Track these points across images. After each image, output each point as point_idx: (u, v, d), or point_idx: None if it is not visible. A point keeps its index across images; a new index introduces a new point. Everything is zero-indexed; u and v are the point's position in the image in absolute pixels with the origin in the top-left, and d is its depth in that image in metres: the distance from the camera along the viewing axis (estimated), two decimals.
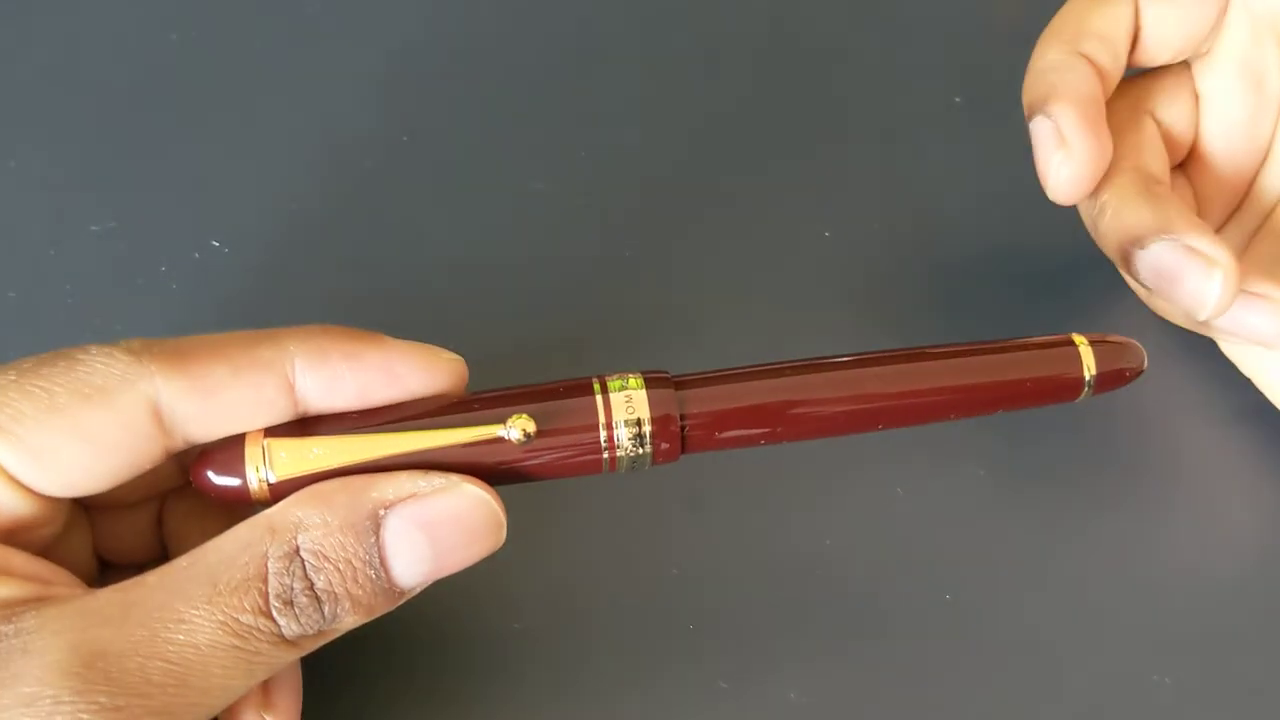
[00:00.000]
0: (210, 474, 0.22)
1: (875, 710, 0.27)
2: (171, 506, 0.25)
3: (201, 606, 0.20)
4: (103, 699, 0.19)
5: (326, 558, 0.21)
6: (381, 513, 0.21)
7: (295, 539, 0.21)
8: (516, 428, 0.22)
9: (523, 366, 0.24)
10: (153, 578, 0.21)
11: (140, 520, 0.25)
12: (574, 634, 0.28)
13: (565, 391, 0.23)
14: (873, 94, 0.38)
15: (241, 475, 0.22)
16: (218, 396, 0.22)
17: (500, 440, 0.22)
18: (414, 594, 0.22)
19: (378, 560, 0.21)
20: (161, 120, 0.36)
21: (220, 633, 0.20)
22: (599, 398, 0.23)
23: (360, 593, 0.21)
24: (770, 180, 0.36)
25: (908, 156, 0.36)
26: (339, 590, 0.21)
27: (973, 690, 0.27)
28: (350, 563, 0.21)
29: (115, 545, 0.25)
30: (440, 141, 0.36)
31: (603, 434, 0.23)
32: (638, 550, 0.29)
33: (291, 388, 0.22)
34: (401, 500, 0.22)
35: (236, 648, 0.20)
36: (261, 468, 0.22)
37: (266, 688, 0.23)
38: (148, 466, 0.22)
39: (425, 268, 0.33)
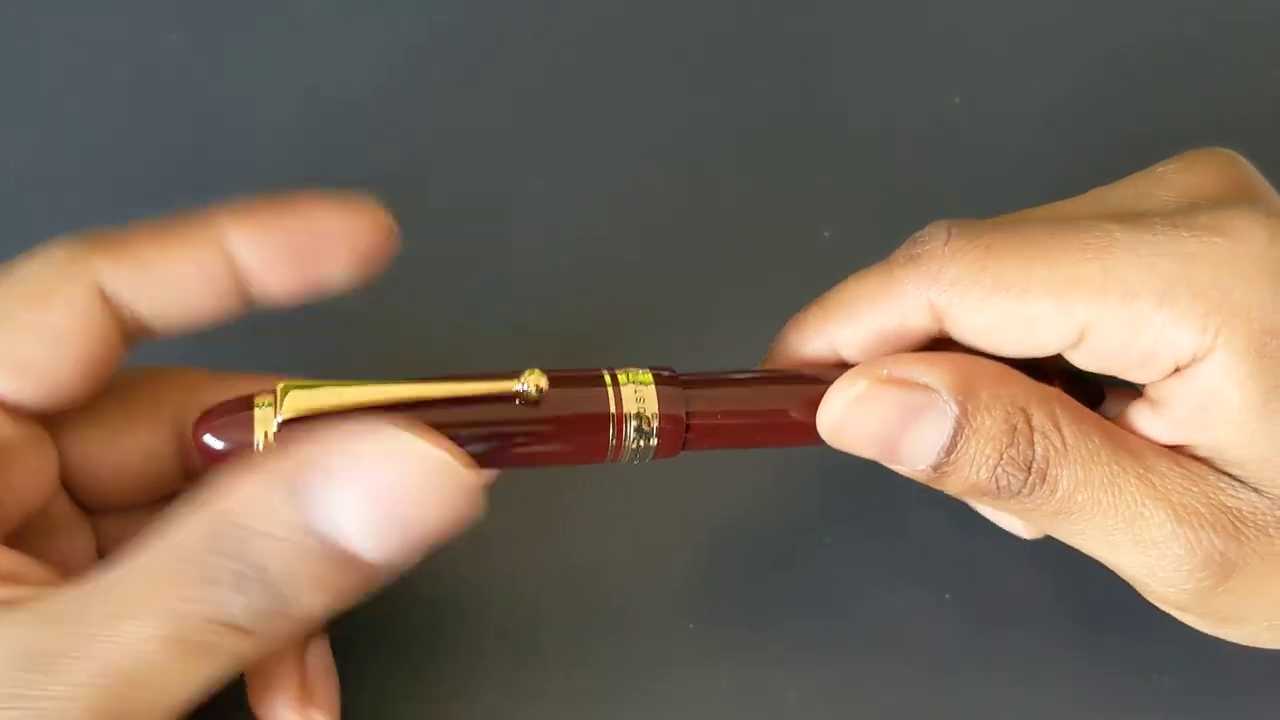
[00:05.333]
0: (211, 436, 0.21)
1: (875, 710, 0.27)
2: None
3: (142, 605, 0.19)
4: (44, 703, 0.19)
5: (273, 537, 0.19)
6: (325, 481, 0.20)
7: (238, 519, 0.19)
8: (530, 382, 0.22)
9: (522, 364, 0.24)
10: (104, 575, 0.20)
11: (145, 525, 0.25)
12: (573, 634, 0.28)
13: (577, 380, 0.23)
14: (873, 94, 0.38)
15: (249, 435, 0.21)
16: (155, 271, 0.22)
17: (510, 403, 0.22)
18: (390, 569, 0.20)
19: (330, 535, 0.20)
20: (162, 120, 0.36)
21: (163, 630, 0.19)
22: (610, 389, 0.23)
23: (318, 571, 0.20)
24: (770, 180, 0.36)
25: (908, 157, 0.36)
26: (288, 571, 0.19)
27: (973, 690, 0.27)
28: (292, 538, 0.19)
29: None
30: (440, 141, 0.36)
31: (612, 424, 0.23)
32: (637, 549, 0.29)
33: (228, 259, 0.22)
34: (345, 468, 0.20)
35: (183, 643, 0.19)
36: (270, 427, 0.21)
37: (305, 680, 0.23)
38: (107, 355, 0.22)
39: (424, 268, 0.33)
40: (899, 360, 0.23)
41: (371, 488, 0.20)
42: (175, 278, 0.22)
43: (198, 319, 0.23)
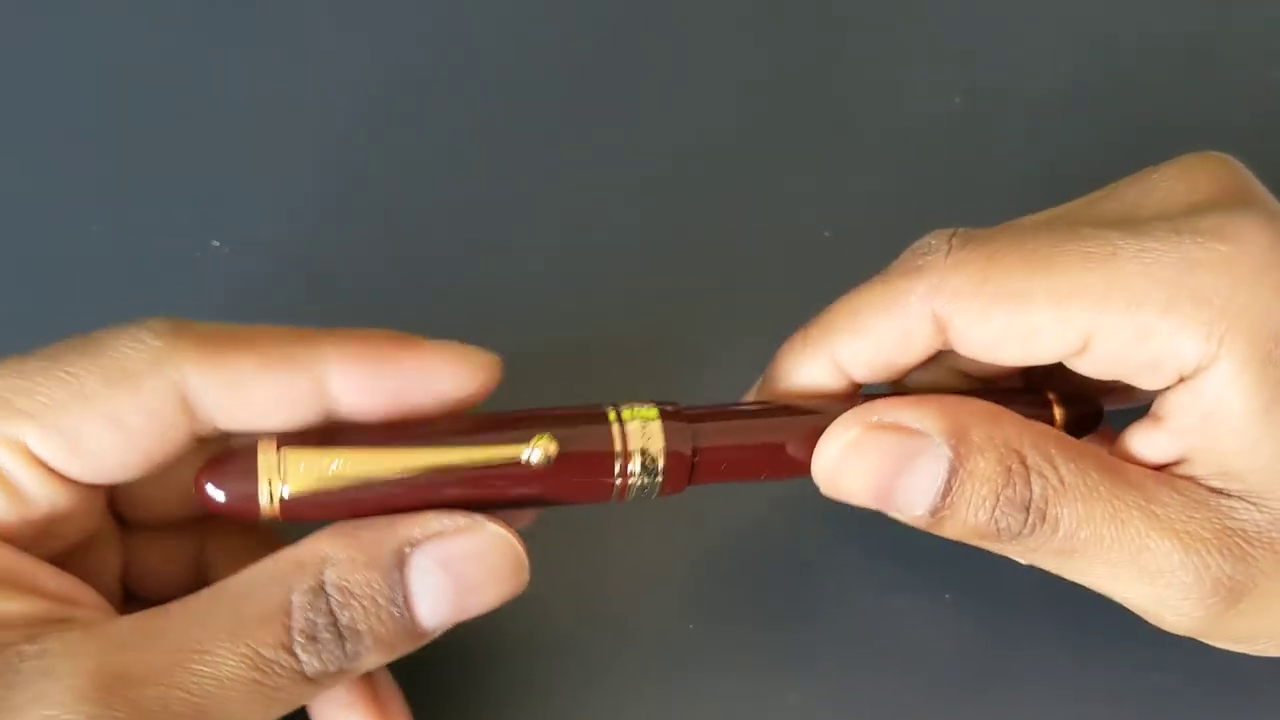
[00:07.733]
0: (214, 486, 0.21)
1: (875, 711, 0.27)
2: (216, 541, 0.25)
3: (225, 639, 0.20)
4: None
5: (352, 594, 0.21)
6: (407, 550, 0.21)
7: (321, 574, 0.21)
8: (539, 448, 0.22)
9: (522, 369, 0.24)
10: (176, 607, 0.21)
11: (179, 548, 0.25)
12: (573, 635, 0.28)
13: (581, 418, 0.23)
14: (873, 94, 0.38)
15: (253, 488, 0.21)
16: (246, 390, 0.22)
17: (517, 463, 0.22)
18: (435, 635, 0.22)
19: (401, 598, 0.21)
20: (162, 120, 0.36)
21: (242, 666, 0.20)
22: (615, 427, 0.23)
23: (383, 630, 0.21)
24: (770, 180, 0.36)
25: (908, 157, 0.36)
26: (362, 627, 0.21)
27: (973, 690, 0.27)
28: (375, 599, 0.21)
29: (147, 573, 0.25)
30: (443, 143, 0.36)
31: (617, 464, 0.23)
32: (636, 550, 0.29)
33: (323, 390, 0.22)
34: (427, 538, 0.22)
35: (257, 682, 0.20)
36: (275, 480, 0.21)
37: (377, 695, 0.24)
38: (176, 453, 0.22)
39: (426, 270, 0.33)
40: (889, 405, 0.23)
41: (450, 561, 0.22)
42: (263, 398, 0.22)
43: (271, 429, 0.22)
